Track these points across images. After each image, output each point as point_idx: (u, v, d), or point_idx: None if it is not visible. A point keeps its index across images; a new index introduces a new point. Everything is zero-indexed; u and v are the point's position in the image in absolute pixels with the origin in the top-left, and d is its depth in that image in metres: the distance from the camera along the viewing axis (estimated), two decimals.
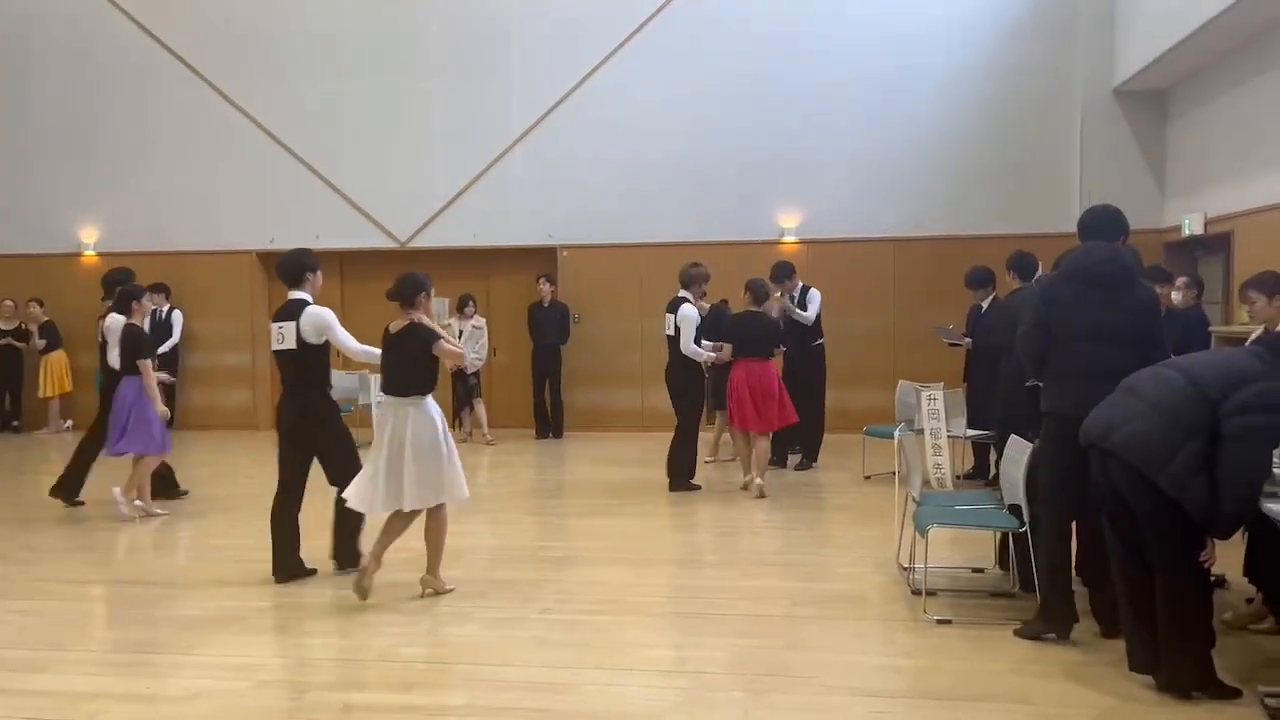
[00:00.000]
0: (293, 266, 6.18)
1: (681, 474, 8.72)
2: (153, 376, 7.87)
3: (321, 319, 6.00)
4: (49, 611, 5.70)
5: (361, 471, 5.77)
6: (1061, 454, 4.72)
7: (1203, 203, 10.44)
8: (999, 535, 5.81)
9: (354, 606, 5.59)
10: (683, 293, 8.77)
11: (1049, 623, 4.85)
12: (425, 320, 5.73)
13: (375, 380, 11.27)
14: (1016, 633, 4.95)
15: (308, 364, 6.05)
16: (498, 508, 8.40)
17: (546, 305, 12.19)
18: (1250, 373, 3.89)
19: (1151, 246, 10.75)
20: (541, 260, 12.62)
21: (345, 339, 6.08)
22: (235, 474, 10.11)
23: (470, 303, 11.93)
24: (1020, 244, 11.60)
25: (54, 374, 13.07)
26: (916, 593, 5.58)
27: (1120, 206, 12.34)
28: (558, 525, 7.84)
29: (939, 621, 5.19)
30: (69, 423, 13.07)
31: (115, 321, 8.02)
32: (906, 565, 5.99)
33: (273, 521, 6.17)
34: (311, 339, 6.00)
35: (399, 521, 5.74)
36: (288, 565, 6.13)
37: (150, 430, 7.76)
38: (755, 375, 8.37)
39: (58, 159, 13.45)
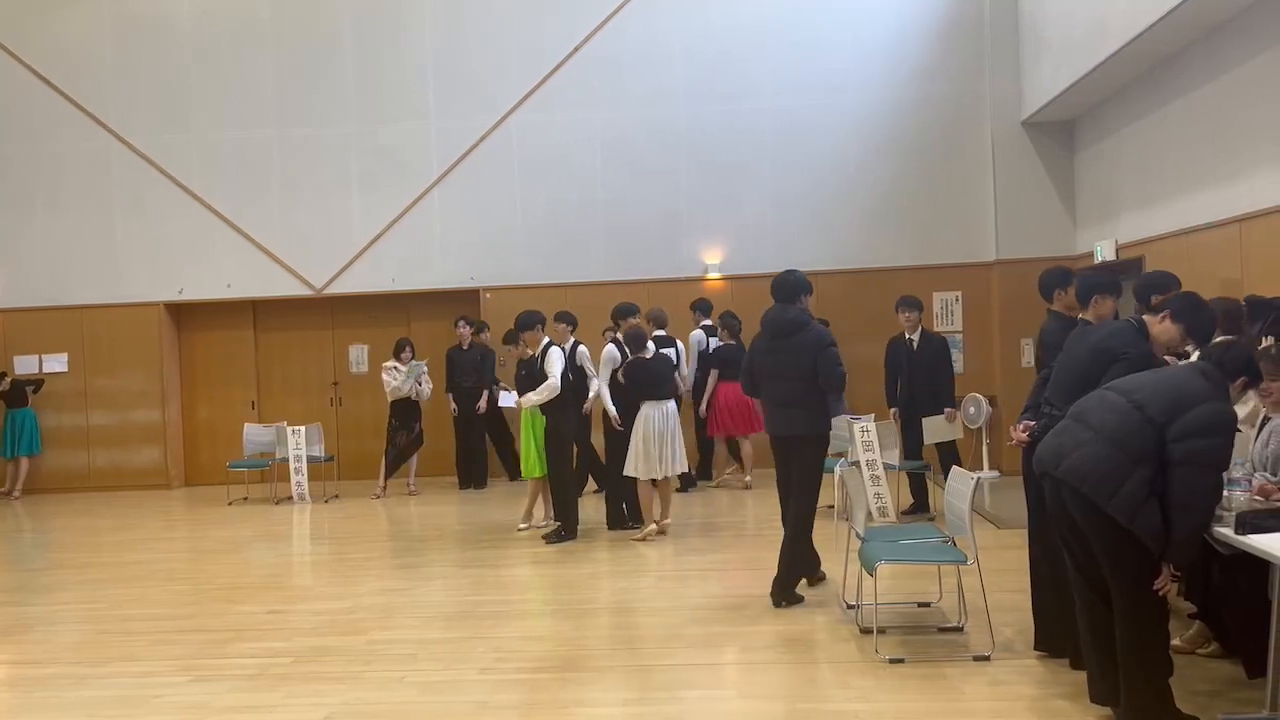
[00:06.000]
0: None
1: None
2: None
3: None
4: None
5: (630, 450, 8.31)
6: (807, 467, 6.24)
7: (1113, 230, 10.69)
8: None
9: (281, 674, 5.26)
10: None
11: None
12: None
13: (291, 432, 10.98)
14: None
15: None
16: (425, 561, 8.11)
17: (466, 348, 11.84)
18: (1196, 394, 3.80)
19: None
20: (464, 303, 12.36)
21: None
22: (149, 539, 9.60)
23: (407, 348, 11.46)
24: (938, 274, 11.92)
25: None
26: (865, 631, 5.47)
27: (1033, 235, 12.66)
28: (490, 577, 7.55)
29: (891, 661, 5.08)
30: None
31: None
32: (851, 603, 5.88)
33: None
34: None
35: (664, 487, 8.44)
36: (617, 518, 8.77)
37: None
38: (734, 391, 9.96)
39: None
